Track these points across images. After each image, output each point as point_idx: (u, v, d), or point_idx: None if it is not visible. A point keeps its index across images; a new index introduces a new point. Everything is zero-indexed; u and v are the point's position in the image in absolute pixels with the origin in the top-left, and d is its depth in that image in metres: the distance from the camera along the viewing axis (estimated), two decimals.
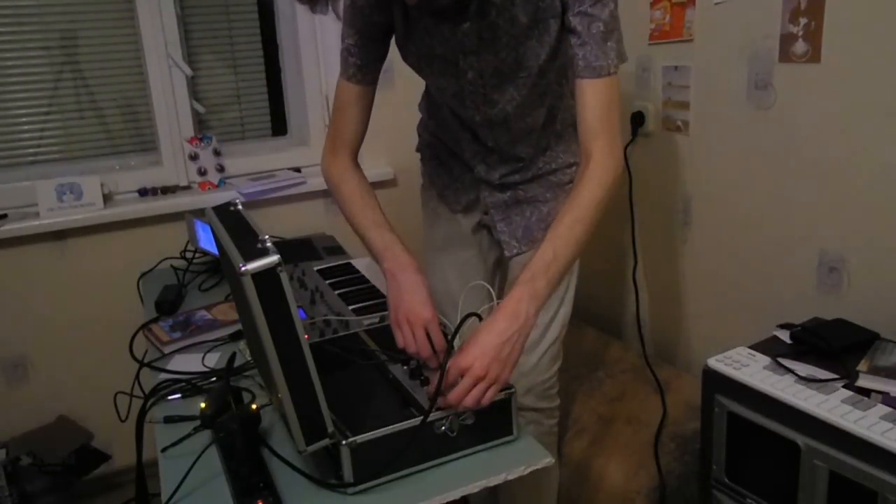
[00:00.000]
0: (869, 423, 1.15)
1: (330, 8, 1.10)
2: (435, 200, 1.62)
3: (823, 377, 1.30)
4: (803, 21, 1.58)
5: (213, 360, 1.41)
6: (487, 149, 1.46)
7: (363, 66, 1.32)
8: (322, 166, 1.42)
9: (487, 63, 1.27)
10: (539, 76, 1.31)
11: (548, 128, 1.45)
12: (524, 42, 1.24)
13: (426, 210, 1.65)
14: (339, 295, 1.57)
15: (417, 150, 1.66)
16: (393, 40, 1.36)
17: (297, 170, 2.37)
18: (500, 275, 1.67)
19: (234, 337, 1.50)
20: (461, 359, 1.03)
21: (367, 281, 1.66)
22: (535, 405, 1.57)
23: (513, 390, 1.09)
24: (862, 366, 1.33)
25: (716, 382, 1.40)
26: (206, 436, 1.15)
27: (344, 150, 1.38)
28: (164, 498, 1.02)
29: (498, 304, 1.17)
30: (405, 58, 1.35)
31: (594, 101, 1.18)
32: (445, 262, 1.59)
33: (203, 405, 1.16)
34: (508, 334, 1.05)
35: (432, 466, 1.04)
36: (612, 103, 1.20)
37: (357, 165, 1.40)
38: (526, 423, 1.13)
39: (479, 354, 1.02)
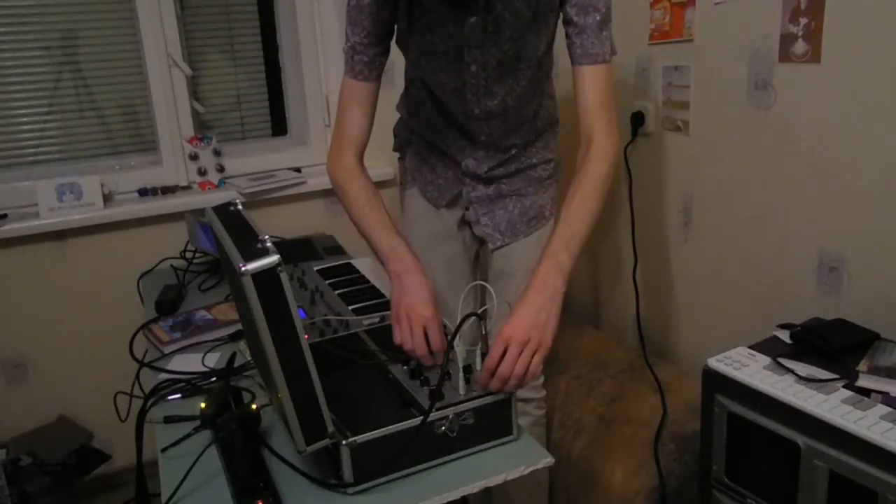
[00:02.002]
0: (869, 423, 1.15)
1: None
2: (417, 197, 1.63)
3: (823, 377, 1.30)
4: (803, 21, 1.58)
5: (213, 360, 1.41)
6: (476, 142, 1.49)
7: (370, 63, 1.34)
8: (327, 167, 1.42)
9: (491, 56, 1.31)
10: (537, 68, 1.37)
11: (531, 123, 1.50)
12: (525, 35, 1.29)
13: (408, 208, 1.66)
14: (339, 295, 1.57)
15: (395, 149, 1.68)
16: (393, 39, 1.38)
17: (298, 170, 2.37)
18: (479, 269, 1.70)
19: (234, 337, 1.50)
20: (503, 331, 1.08)
21: (367, 281, 1.66)
22: (522, 395, 1.60)
23: (512, 391, 1.09)
24: (862, 366, 1.33)
25: (716, 382, 1.40)
26: (206, 436, 1.15)
27: (349, 151, 1.39)
28: (164, 498, 1.02)
29: (499, 302, 1.18)
30: (406, 54, 1.38)
31: (593, 86, 1.26)
32: (432, 259, 1.59)
33: (203, 405, 1.16)
34: (541, 303, 1.11)
35: (432, 466, 1.04)
36: (609, 88, 1.27)
37: (362, 166, 1.40)
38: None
39: (518, 322, 1.08)
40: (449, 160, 1.56)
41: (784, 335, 1.48)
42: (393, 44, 1.38)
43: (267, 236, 0.92)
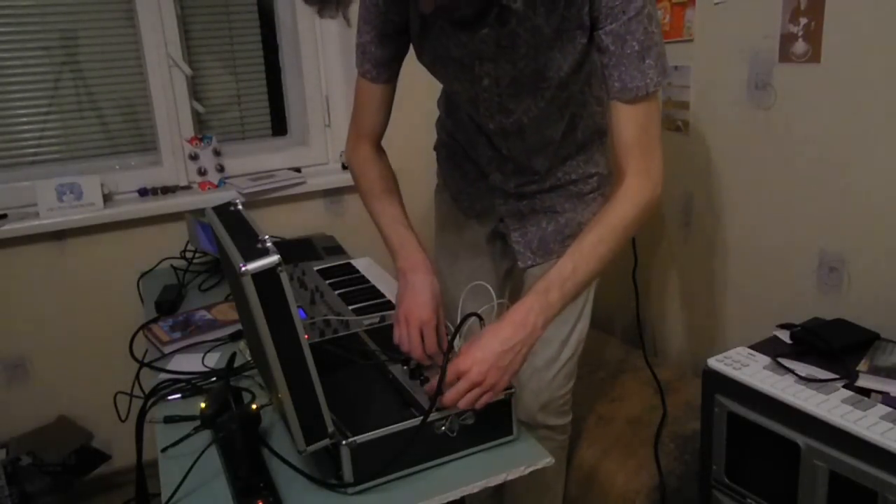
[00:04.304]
0: (869, 423, 1.16)
1: (340, 14, 1.08)
2: (448, 203, 1.58)
3: (823, 377, 1.30)
4: (803, 21, 1.58)
5: (213, 360, 1.41)
6: (503, 156, 1.41)
7: (378, 65, 1.29)
8: (345, 154, 1.40)
9: (504, 71, 1.21)
10: (560, 88, 1.25)
11: (568, 137, 1.39)
12: (546, 52, 1.18)
13: (439, 212, 1.62)
14: (339, 295, 1.57)
15: (435, 148, 1.61)
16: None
17: (297, 170, 2.37)
18: (510, 284, 1.64)
19: (234, 337, 1.50)
20: (461, 361, 1.02)
21: (367, 281, 1.66)
22: (548, 422, 1.54)
23: (513, 390, 1.09)
24: (862, 366, 1.33)
25: (716, 382, 1.40)
26: (206, 436, 1.15)
27: (365, 140, 1.36)
28: (164, 498, 1.02)
29: (499, 304, 1.16)
30: (420, 57, 1.30)
31: (630, 122, 1.13)
32: (455, 269, 1.57)
33: (203, 405, 1.16)
34: (512, 343, 1.03)
35: (432, 466, 1.04)
36: (650, 123, 1.14)
37: (380, 153, 1.37)
38: (538, 439, 1.13)
39: (479, 360, 1.02)
40: (479, 170, 1.48)
41: (784, 335, 1.48)
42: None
43: (267, 236, 0.92)
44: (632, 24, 1.07)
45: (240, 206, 1.09)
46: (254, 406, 1.12)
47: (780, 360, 1.38)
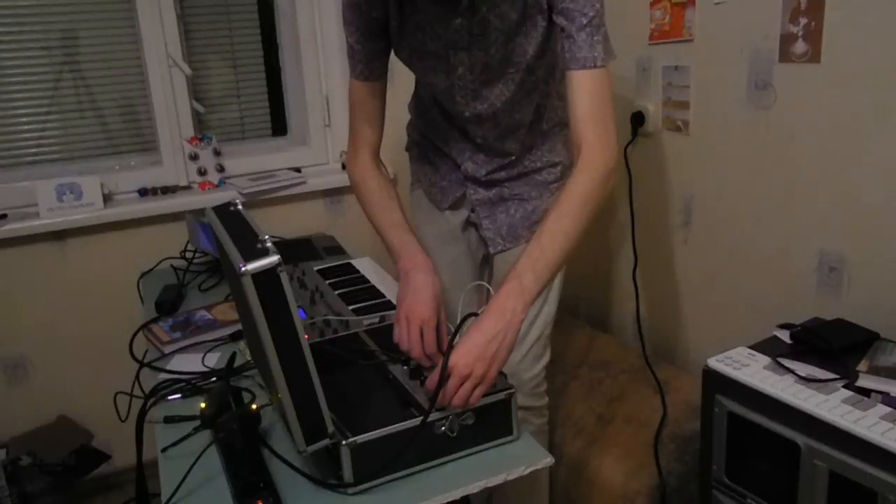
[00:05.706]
0: (869, 423, 1.15)
1: None
2: (423, 199, 1.64)
3: (823, 377, 1.30)
4: (803, 21, 1.58)
5: (213, 360, 1.41)
6: (475, 145, 1.49)
7: (368, 63, 1.34)
8: (346, 166, 1.45)
9: (477, 59, 1.30)
10: (527, 72, 1.34)
11: (534, 126, 1.47)
12: (513, 38, 1.27)
13: (415, 209, 1.66)
14: (339, 295, 1.57)
15: (406, 149, 1.68)
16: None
17: (297, 170, 2.37)
18: (487, 272, 1.69)
19: (234, 337, 1.50)
20: (449, 359, 1.04)
21: (368, 281, 1.66)
22: (523, 403, 1.57)
23: (512, 390, 1.09)
24: (862, 366, 1.33)
25: (716, 382, 1.40)
26: (206, 436, 1.15)
27: (364, 149, 1.41)
28: (164, 498, 1.02)
29: (479, 285, 1.17)
30: (398, 53, 1.37)
31: (583, 92, 1.18)
32: (435, 261, 1.59)
33: (203, 405, 1.16)
34: (493, 332, 1.06)
35: (432, 466, 1.04)
36: (602, 95, 1.19)
37: (378, 163, 1.42)
38: None
39: (464, 353, 1.04)
40: (451, 162, 1.55)
41: (784, 335, 1.48)
42: None
43: (267, 236, 0.92)
44: (580, 3, 1.17)
45: (240, 206, 1.09)
46: (254, 406, 1.12)
47: (780, 360, 1.38)
